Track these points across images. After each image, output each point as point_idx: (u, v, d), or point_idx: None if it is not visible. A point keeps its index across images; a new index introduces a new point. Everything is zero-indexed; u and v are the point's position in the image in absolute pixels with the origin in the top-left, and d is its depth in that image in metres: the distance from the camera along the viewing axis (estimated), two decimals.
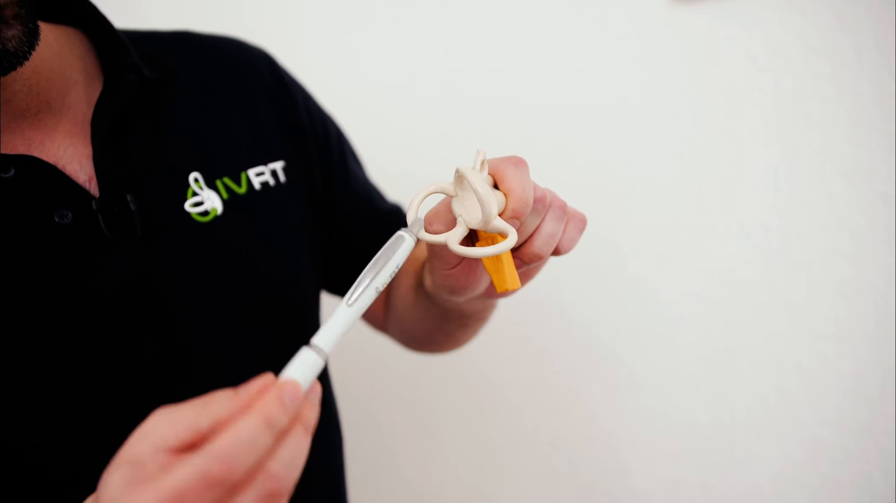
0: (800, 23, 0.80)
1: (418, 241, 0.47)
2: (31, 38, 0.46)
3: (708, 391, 0.92)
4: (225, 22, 1.02)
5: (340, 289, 0.74)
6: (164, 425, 0.35)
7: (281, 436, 0.36)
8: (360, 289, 0.42)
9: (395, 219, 0.74)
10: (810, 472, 0.88)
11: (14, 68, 0.45)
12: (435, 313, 0.64)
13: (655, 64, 0.87)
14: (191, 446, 0.35)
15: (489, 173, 0.47)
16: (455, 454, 1.06)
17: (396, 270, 0.44)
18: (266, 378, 0.37)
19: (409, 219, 0.48)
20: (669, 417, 0.94)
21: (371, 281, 0.43)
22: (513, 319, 0.97)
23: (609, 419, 0.97)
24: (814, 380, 0.87)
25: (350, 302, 0.42)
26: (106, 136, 0.53)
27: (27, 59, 0.46)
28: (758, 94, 0.84)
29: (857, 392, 0.85)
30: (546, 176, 0.89)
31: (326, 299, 0.75)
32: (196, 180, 0.58)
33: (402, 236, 0.45)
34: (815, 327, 0.86)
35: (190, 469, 0.34)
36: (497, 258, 0.47)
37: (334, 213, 0.70)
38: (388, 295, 0.75)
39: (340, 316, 0.41)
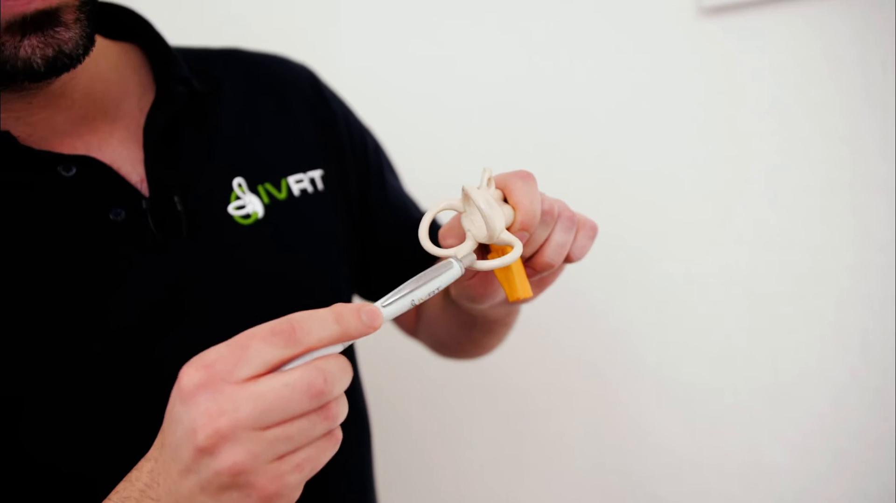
0: (819, 39, 0.82)
1: (466, 269, 0.48)
2: (87, 44, 0.48)
3: (735, 400, 0.92)
4: (260, 33, 1.06)
5: (375, 296, 0.76)
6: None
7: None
8: (397, 296, 0.44)
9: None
10: (831, 484, 0.88)
11: (67, 70, 0.47)
12: (462, 320, 0.66)
13: (681, 74, 0.89)
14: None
15: (498, 187, 0.49)
16: (480, 457, 1.07)
17: (437, 292, 0.45)
18: None
19: (421, 234, 0.50)
20: (696, 426, 0.94)
21: (410, 292, 0.44)
22: (540, 324, 0.99)
23: (635, 425, 0.97)
24: (836, 389, 0.87)
25: (384, 304, 0.43)
26: (157, 141, 0.57)
27: (80, 63, 0.48)
28: (776, 106, 0.85)
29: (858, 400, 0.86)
30: (568, 182, 0.92)
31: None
32: (239, 185, 0.61)
33: (451, 263, 0.46)
34: (831, 337, 0.87)
35: (298, 373, 0.36)
36: (507, 269, 0.50)
37: (370, 221, 0.72)
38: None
39: None
